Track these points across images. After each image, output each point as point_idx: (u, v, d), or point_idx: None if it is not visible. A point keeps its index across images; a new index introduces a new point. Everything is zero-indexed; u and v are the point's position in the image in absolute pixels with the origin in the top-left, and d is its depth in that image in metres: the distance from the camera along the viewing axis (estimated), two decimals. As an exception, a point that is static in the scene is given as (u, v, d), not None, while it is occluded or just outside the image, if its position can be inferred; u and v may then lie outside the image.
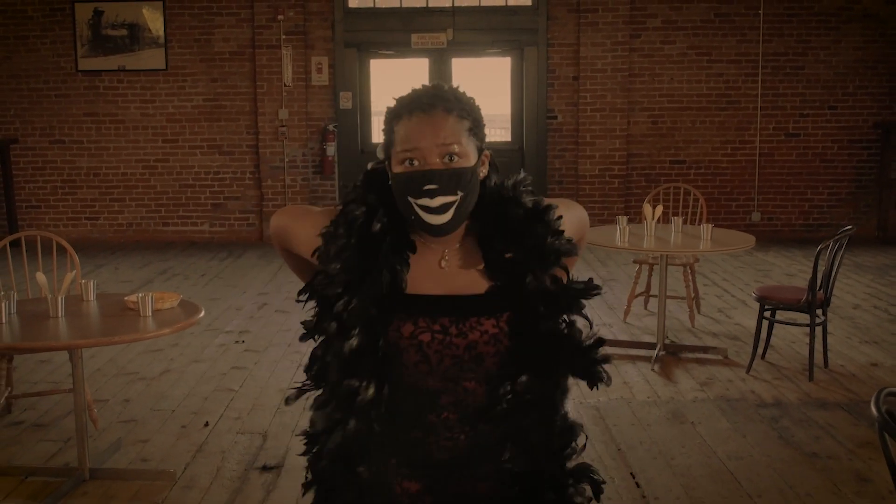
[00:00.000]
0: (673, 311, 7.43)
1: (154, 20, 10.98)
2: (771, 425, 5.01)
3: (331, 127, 11.07)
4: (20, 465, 4.51)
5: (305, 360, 2.07)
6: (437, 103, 1.82)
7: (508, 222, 1.89)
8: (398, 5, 11.19)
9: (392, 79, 11.57)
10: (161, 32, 11.01)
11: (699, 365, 6.08)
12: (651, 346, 6.34)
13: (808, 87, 11.15)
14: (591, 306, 1.96)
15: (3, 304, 4.12)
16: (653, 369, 5.98)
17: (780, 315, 6.11)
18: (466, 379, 1.89)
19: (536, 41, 11.11)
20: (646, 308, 7.54)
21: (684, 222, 6.96)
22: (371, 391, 1.81)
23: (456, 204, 1.80)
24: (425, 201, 1.78)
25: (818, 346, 5.95)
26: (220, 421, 5.15)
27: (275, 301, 8.03)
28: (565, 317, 1.93)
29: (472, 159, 1.83)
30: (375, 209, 1.83)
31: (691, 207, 7.79)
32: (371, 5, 11.26)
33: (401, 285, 1.83)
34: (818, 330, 5.90)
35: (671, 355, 6.28)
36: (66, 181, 11.30)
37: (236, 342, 6.77)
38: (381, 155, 1.88)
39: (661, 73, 11.14)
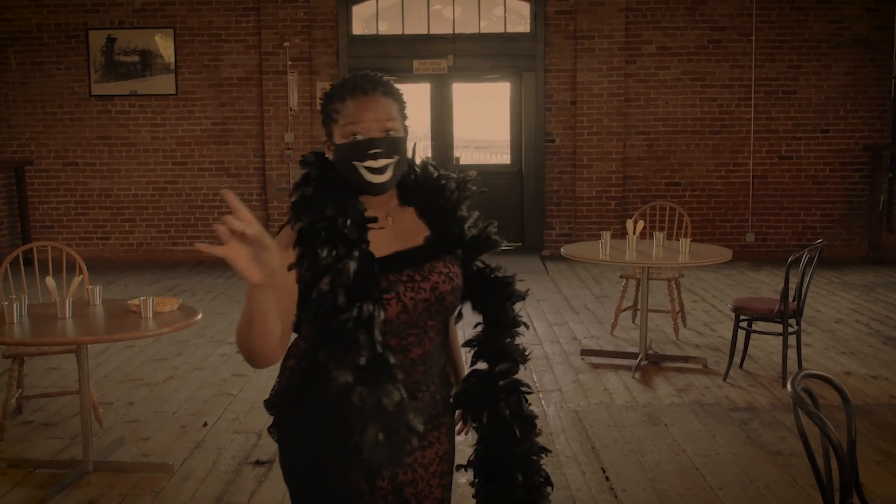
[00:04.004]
0: (659, 325, 7.70)
1: (165, 47, 11.37)
2: (740, 427, 5.27)
3: (335, 150, 11.38)
4: (29, 459, 4.81)
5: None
6: (377, 87, 2.17)
7: (441, 189, 2.31)
8: (400, 32, 11.56)
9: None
10: (172, 59, 11.40)
11: (679, 373, 6.34)
12: (634, 355, 6.60)
13: (800, 111, 11.44)
14: (581, 321, 2.27)
15: (14, 306, 4.44)
16: (634, 377, 6.24)
17: (757, 326, 6.36)
18: (430, 327, 2.23)
19: (535, 67, 11.45)
20: (633, 322, 7.80)
21: (669, 238, 7.25)
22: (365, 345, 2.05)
23: (393, 164, 2.15)
24: (370, 163, 2.12)
25: (793, 354, 6.21)
26: (219, 422, 5.44)
27: (277, 315, 8.31)
28: (482, 260, 2.38)
29: (402, 132, 2.20)
30: (328, 201, 2.13)
31: (676, 225, 8.07)
32: (374, 32, 11.63)
33: (371, 253, 2.12)
34: (792, 339, 6.16)
35: (653, 364, 6.54)
36: (79, 202, 11.67)
37: (237, 352, 7.04)
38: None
39: (656, 98, 11.45)
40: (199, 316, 4.64)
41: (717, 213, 11.53)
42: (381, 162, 2.13)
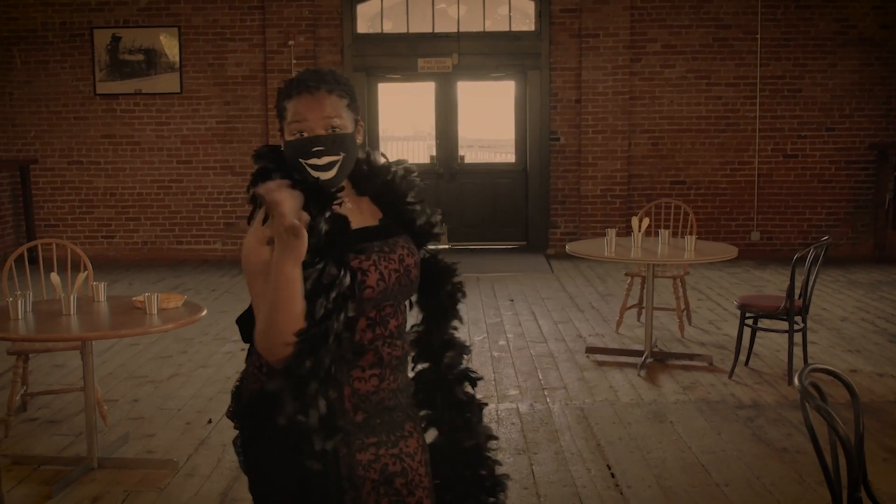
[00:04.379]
0: (664, 323, 7.68)
1: (170, 46, 11.38)
2: (746, 424, 5.25)
3: (340, 148, 11.38)
4: (34, 455, 4.80)
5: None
6: (321, 85, 2.19)
7: (392, 177, 2.35)
8: (405, 31, 11.55)
9: (399, 102, 11.91)
10: (176, 57, 11.40)
11: (684, 371, 6.33)
12: (639, 353, 6.59)
13: (806, 109, 11.42)
14: (586, 319, 2.27)
15: (19, 303, 4.44)
16: (639, 375, 6.23)
17: (763, 324, 6.34)
18: (400, 301, 2.28)
19: (539, 65, 11.44)
20: (638, 320, 7.79)
21: (674, 236, 7.23)
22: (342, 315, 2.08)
23: (339, 162, 2.18)
24: (314, 161, 2.15)
25: (798, 352, 6.19)
26: (223, 419, 5.42)
27: (281, 313, 8.31)
28: (428, 249, 2.40)
29: (349, 128, 2.22)
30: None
31: (682, 222, 8.06)
32: (379, 31, 11.63)
33: (344, 216, 2.18)
34: (798, 337, 6.15)
35: (658, 362, 6.53)
36: (84, 201, 11.68)
37: (242, 349, 7.04)
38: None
39: (661, 96, 11.44)
40: (204, 312, 4.64)
41: (723, 211, 11.51)
42: (325, 159, 2.16)
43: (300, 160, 2.15)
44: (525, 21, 11.64)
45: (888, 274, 10.15)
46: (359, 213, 2.28)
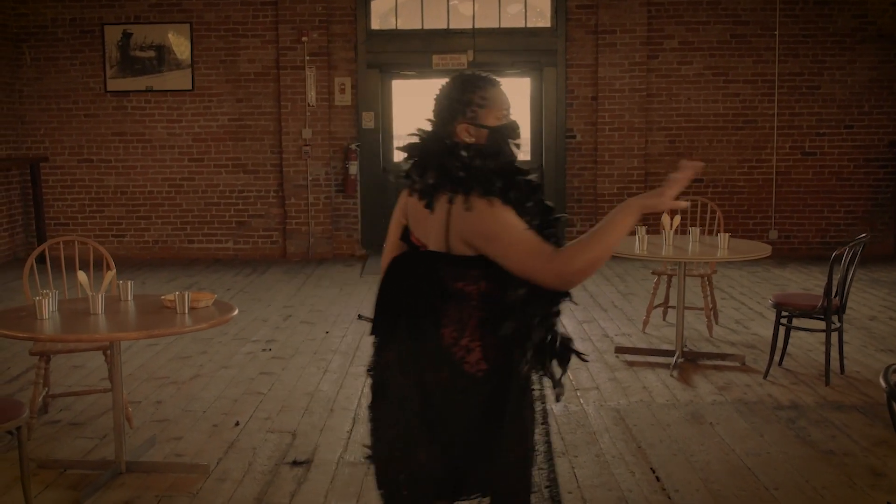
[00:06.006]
0: (691, 322, 7.55)
1: (181, 42, 11.24)
2: (788, 426, 5.12)
3: (353, 146, 11.27)
4: (59, 459, 4.67)
5: (333, 364, 2.20)
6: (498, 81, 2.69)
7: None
8: (419, 27, 11.42)
9: (413, 99, 11.77)
10: (188, 54, 11.26)
11: (717, 371, 6.19)
12: (670, 353, 6.46)
13: (824, 106, 11.29)
14: (610, 318, 2.38)
15: (45, 302, 4.30)
16: (672, 375, 6.10)
17: (796, 323, 6.22)
18: None
19: (556, 62, 11.31)
20: (664, 319, 7.66)
21: (702, 234, 7.10)
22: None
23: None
24: (519, 141, 2.64)
25: (834, 352, 6.06)
26: (250, 421, 5.30)
27: (300, 313, 8.19)
28: None
29: None
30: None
31: (709, 220, 7.93)
32: (393, 27, 11.49)
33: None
34: (834, 336, 6.02)
35: (689, 362, 6.39)
36: (94, 199, 11.54)
37: (263, 350, 6.92)
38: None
39: (678, 94, 11.31)
40: (236, 312, 4.51)
41: (740, 209, 11.37)
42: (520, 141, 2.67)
43: (509, 140, 2.60)
44: (541, 17, 11.51)
45: (910, 273, 10.03)
46: None
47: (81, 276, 4.65)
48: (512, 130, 2.59)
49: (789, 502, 4.13)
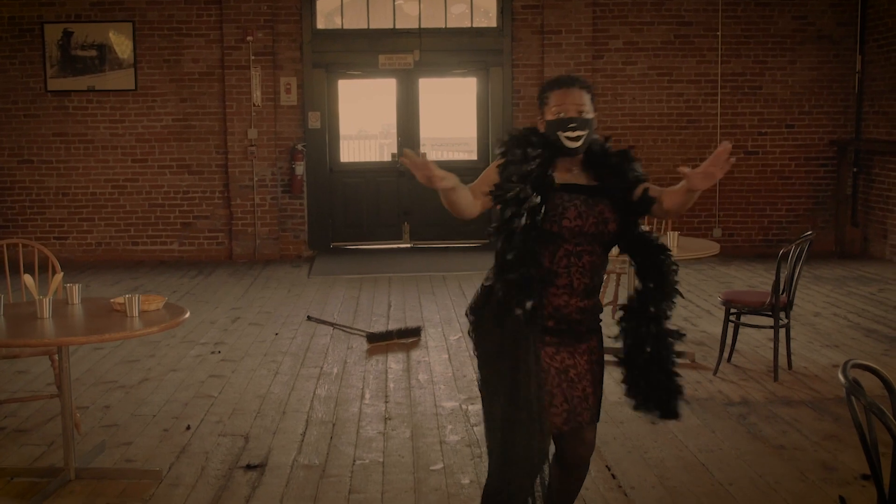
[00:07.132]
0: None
1: (123, 42, 11.06)
2: (739, 422, 5.18)
3: (299, 146, 11.19)
4: (5, 467, 4.55)
5: (284, 366, 2.16)
6: (574, 83, 3.22)
7: (608, 156, 3.28)
8: (366, 27, 11.37)
9: (360, 99, 11.73)
10: (130, 53, 11.09)
11: (667, 368, 6.24)
12: (619, 351, 6.47)
13: (766, 106, 11.47)
14: None
15: (-10, 306, 4.20)
16: (622, 373, 6.11)
17: (744, 320, 6.30)
18: (596, 244, 3.15)
19: (501, 62, 11.34)
20: (612, 318, 7.70)
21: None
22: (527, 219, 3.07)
23: (585, 135, 3.17)
24: (569, 133, 3.15)
25: (781, 349, 6.15)
26: (202, 425, 5.23)
27: (248, 315, 8.11)
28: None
29: (591, 114, 3.21)
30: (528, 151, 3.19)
31: (656, 219, 7.98)
32: (339, 27, 11.43)
33: (552, 179, 3.15)
34: (782, 333, 6.10)
35: (640, 360, 6.43)
36: (35, 201, 11.30)
37: (212, 353, 6.83)
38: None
39: (623, 94, 11.40)
40: (188, 315, 4.44)
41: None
42: (576, 133, 3.14)
43: (558, 133, 3.14)
44: (486, 17, 11.53)
45: (850, 269, 10.22)
46: (578, 175, 3.23)
47: (27, 279, 4.54)
48: (561, 123, 3.13)
49: (744, 497, 4.17)
